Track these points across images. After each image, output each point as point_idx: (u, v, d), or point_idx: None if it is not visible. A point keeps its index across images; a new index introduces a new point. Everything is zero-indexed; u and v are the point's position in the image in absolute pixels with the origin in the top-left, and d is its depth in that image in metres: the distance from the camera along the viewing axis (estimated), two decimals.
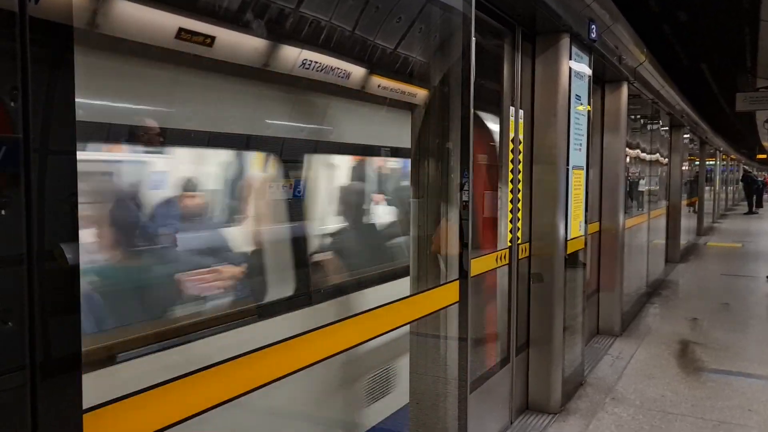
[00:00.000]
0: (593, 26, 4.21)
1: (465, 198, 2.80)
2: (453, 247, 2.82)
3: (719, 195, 20.78)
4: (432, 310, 2.70)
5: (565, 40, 3.94)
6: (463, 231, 2.80)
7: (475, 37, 2.92)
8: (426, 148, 2.98)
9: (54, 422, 1.17)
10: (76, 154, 1.21)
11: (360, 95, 2.67)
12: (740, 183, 25.43)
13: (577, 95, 4.18)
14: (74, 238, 1.20)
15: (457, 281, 2.77)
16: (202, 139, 2.06)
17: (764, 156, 39.69)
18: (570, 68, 3.99)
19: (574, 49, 4.06)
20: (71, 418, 1.21)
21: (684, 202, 11.61)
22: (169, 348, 1.72)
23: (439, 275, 2.89)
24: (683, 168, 11.65)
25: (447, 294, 2.73)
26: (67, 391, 1.21)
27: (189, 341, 1.79)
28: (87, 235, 1.64)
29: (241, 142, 2.25)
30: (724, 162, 22.64)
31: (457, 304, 2.79)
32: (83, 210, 1.25)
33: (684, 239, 11.89)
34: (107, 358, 1.58)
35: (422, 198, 2.96)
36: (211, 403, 1.57)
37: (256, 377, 1.75)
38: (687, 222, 12.56)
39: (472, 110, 2.83)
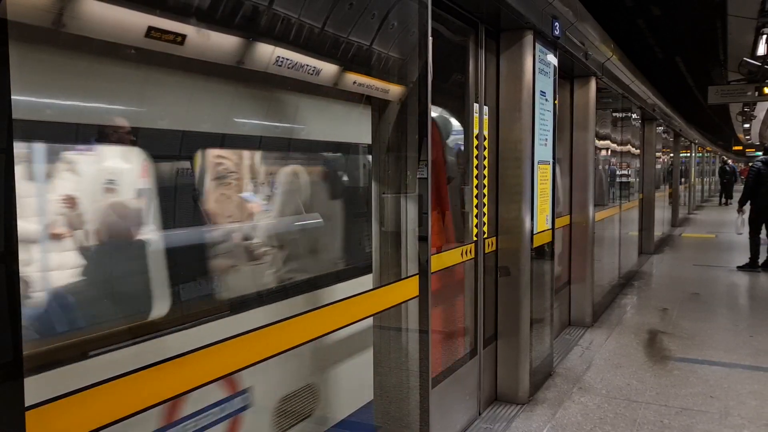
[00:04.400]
0: (556, 23, 4.28)
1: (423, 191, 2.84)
2: (412, 242, 2.86)
3: (695, 186, 21.12)
4: (392, 304, 2.75)
5: (529, 37, 4.00)
6: (422, 225, 2.84)
7: (438, 34, 2.94)
8: (385, 144, 3.01)
9: None
10: (13, 152, 1.21)
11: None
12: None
13: (542, 91, 4.24)
14: (11, 238, 1.22)
15: (417, 276, 2.82)
16: None
17: (740, 147, 40.39)
18: (534, 65, 4.05)
19: (539, 46, 4.12)
20: (13, 415, 1.24)
21: (658, 194, 11.78)
22: None
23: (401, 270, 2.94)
24: (658, 160, 11.82)
25: (407, 289, 2.78)
26: (9, 389, 1.23)
27: None
28: None
29: None
30: (700, 154, 22.98)
31: (417, 299, 2.83)
32: None
33: (659, 230, 12.08)
34: None
35: (384, 194, 3.00)
36: (160, 398, 1.59)
37: (214, 371, 1.78)
38: (662, 213, 12.75)
39: (430, 105, 2.86)
